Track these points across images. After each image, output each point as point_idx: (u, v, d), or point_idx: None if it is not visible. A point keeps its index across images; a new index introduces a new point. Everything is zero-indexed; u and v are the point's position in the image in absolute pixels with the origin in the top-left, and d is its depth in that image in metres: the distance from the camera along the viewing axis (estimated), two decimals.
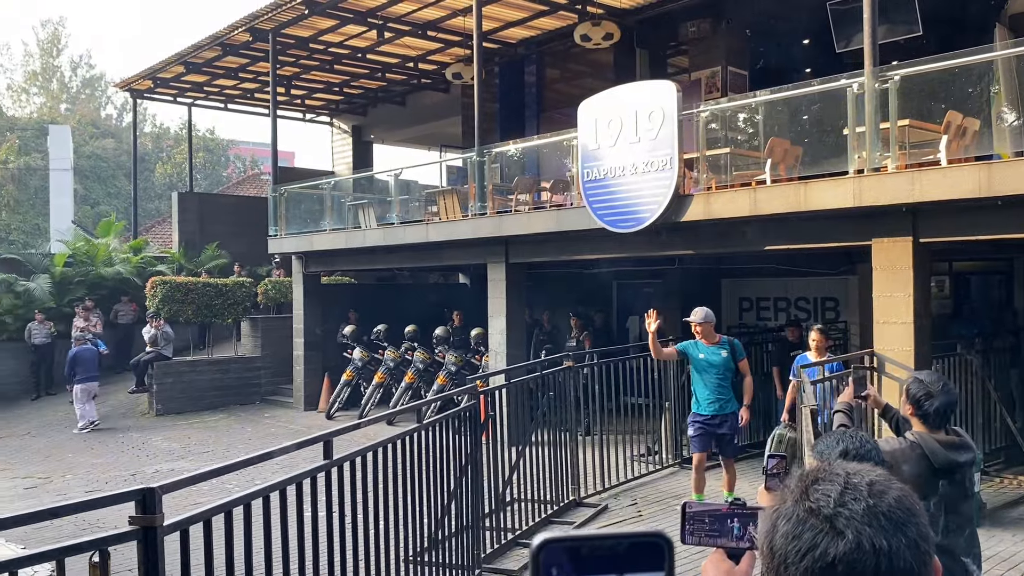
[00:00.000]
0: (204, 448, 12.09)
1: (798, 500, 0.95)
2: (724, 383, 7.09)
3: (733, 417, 7.15)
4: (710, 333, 7.11)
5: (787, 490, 0.99)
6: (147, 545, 3.01)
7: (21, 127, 40.57)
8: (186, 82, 18.30)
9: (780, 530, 0.95)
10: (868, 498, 0.92)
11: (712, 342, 7.10)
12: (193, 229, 20.02)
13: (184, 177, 34.48)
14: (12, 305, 17.57)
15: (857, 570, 0.89)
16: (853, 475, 0.96)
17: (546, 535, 0.70)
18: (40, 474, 11.22)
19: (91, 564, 3.09)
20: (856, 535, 0.90)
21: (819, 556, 0.90)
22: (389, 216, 14.05)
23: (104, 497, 3.10)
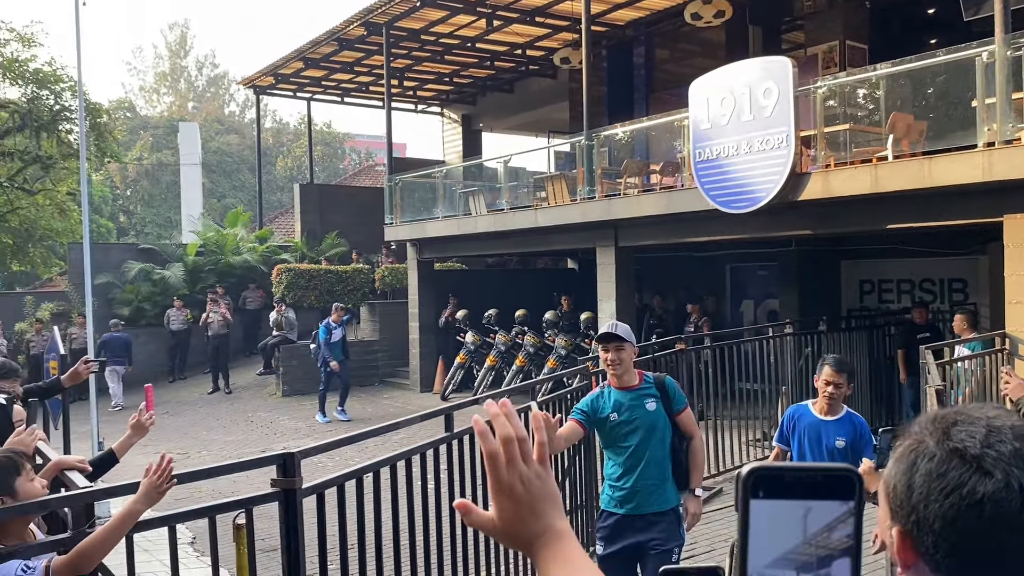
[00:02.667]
0: (329, 427, 12.66)
1: (939, 441, 0.96)
2: (655, 456, 4.09)
3: (670, 518, 4.13)
4: (628, 368, 4.13)
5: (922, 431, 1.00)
6: (287, 506, 3.26)
7: (153, 125, 43.13)
8: (305, 77, 19.04)
9: (921, 469, 0.96)
10: (1013, 441, 0.94)
11: (630, 385, 4.14)
12: (314, 219, 20.84)
13: (304, 170, 35.88)
14: (150, 292, 18.79)
15: (1004, 509, 0.91)
16: (994, 419, 0.97)
17: (753, 465, 0.82)
18: (178, 450, 12.01)
19: (235, 526, 3.37)
20: (1005, 475, 0.91)
21: (966, 495, 0.92)
22: (499, 203, 14.27)
23: (250, 460, 3.38)
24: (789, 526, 0.81)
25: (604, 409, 4.12)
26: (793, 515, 0.81)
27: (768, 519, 0.81)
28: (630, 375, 4.13)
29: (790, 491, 0.81)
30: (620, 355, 4.07)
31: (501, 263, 19.00)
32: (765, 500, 0.81)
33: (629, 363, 4.12)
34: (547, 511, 1.03)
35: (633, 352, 4.18)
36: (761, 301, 14.22)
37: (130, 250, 21.03)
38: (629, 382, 4.12)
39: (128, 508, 2.75)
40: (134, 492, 2.86)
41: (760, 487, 0.81)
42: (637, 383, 4.14)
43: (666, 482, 4.11)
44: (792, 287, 12.54)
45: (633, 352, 4.18)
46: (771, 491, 0.81)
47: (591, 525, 6.34)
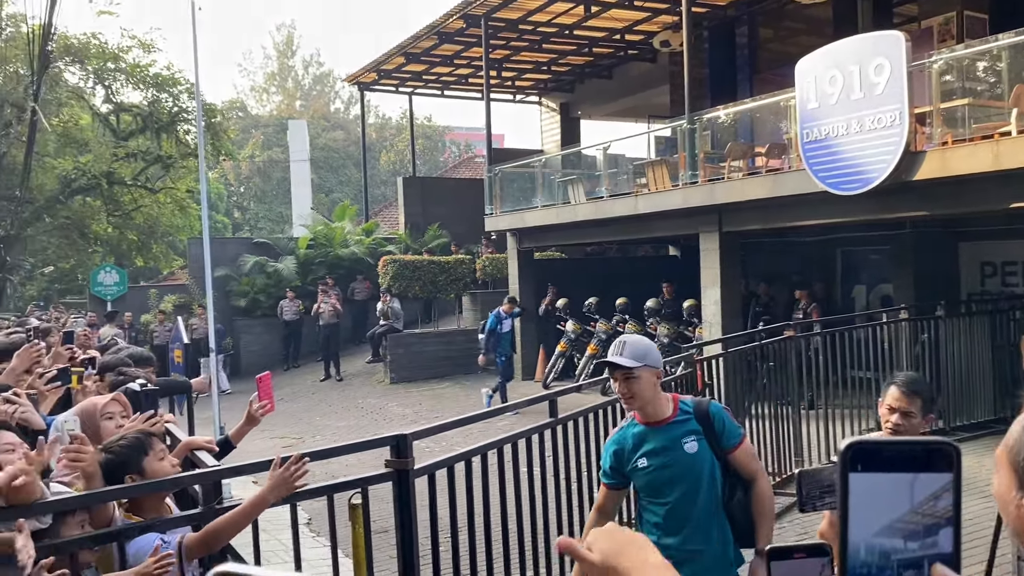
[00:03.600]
0: (434, 413, 12.94)
1: None
2: (704, 512, 3.11)
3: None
4: (648, 399, 3.11)
5: None
6: (400, 485, 3.38)
7: (264, 124, 44.87)
8: (406, 72, 19.42)
9: None
10: None
11: (660, 418, 3.14)
12: (416, 211, 21.28)
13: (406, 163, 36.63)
14: (265, 284, 19.62)
15: None
16: None
17: (853, 438, 0.85)
18: (293, 435, 12.54)
19: (351, 505, 3.52)
20: None
21: None
22: (598, 190, 14.21)
23: (365, 441, 3.52)
24: (893, 497, 0.83)
25: (631, 454, 3.14)
26: (897, 486, 0.83)
27: (868, 491, 0.84)
28: (656, 406, 3.10)
29: (889, 464, 0.84)
30: (631, 386, 3.03)
31: (600, 251, 18.94)
32: (863, 473, 0.84)
33: (650, 392, 3.07)
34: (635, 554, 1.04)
35: (654, 377, 3.08)
36: (874, 286, 13.69)
37: (245, 244, 21.99)
38: (657, 414, 3.11)
39: (259, 496, 2.91)
40: (259, 471, 3.02)
41: (859, 460, 0.84)
42: (670, 415, 3.11)
43: (725, 545, 3.10)
44: (907, 271, 12.01)
45: (654, 377, 3.08)
46: (869, 464, 0.84)
47: None
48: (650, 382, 3.07)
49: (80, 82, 23.05)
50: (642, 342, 3.15)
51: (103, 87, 22.80)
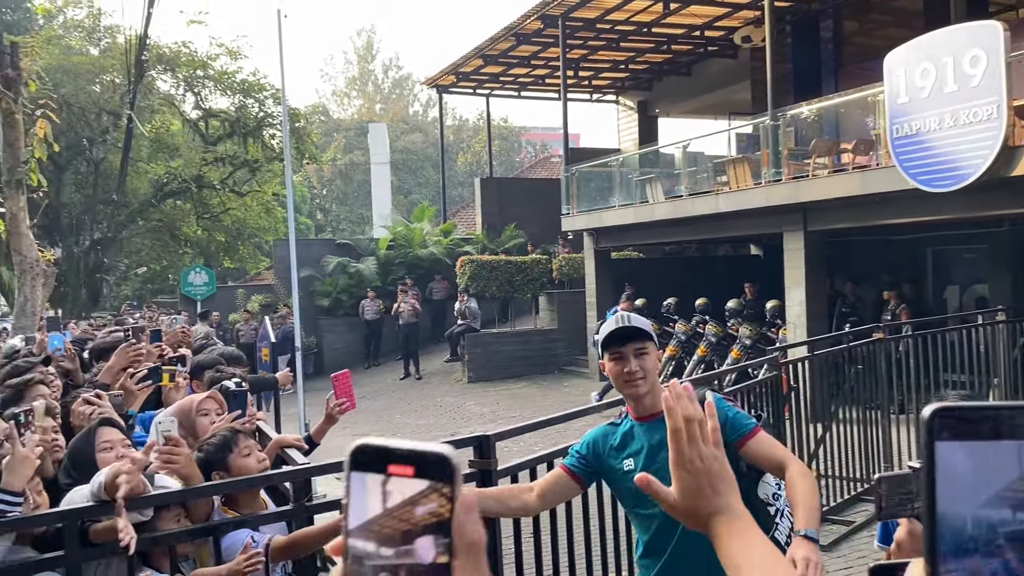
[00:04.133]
0: (512, 413, 13.00)
1: None
2: None
3: None
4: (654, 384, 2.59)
5: None
6: (483, 485, 3.41)
7: (345, 128, 45.83)
8: (484, 74, 19.56)
9: None
10: None
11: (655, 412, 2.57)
12: (493, 211, 21.40)
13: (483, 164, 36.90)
14: (347, 284, 20.05)
15: None
16: None
17: (938, 404, 0.77)
18: (375, 432, 12.76)
19: None
20: None
21: None
22: (677, 189, 14.03)
23: (449, 441, 3.55)
24: (995, 466, 0.75)
25: (614, 452, 2.63)
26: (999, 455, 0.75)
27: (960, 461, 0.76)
28: (656, 394, 2.52)
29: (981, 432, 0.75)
30: (644, 363, 2.53)
31: (679, 250, 18.70)
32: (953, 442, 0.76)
33: (655, 375, 2.59)
34: (724, 490, 1.10)
35: (658, 357, 2.66)
36: (967, 287, 13.14)
37: (328, 245, 22.50)
38: (655, 405, 2.51)
39: None
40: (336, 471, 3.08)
41: (945, 428, 0.76)
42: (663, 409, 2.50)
43: None
44: (1004, 271, 11.49)
45: (658, 357, 2.66)
46: (959, 433, 0.76)
47: None
48: (655, 362, 2.62)
49: (171, 89, 24.00)
50: (644, 320, 2.69)
51: (193, 94, 23.69)
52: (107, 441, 2.99)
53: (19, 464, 2.66)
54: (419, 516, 0.68)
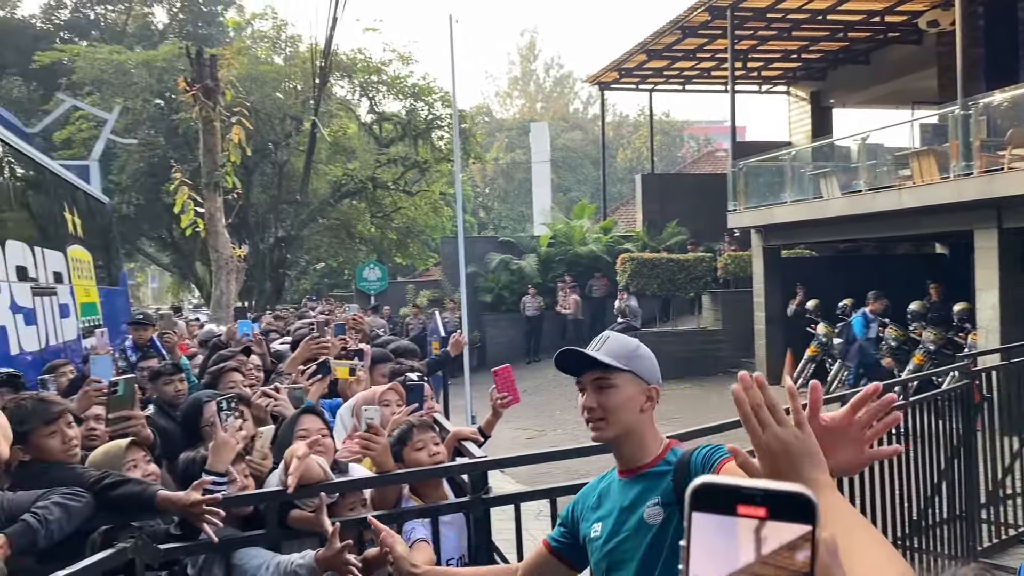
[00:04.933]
0: (675, 414, 12.80)
1: None
2: None
3: None
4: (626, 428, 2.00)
5: None
6: None
7: (507, 127, 46.65)
8: (647, 69, 19.36)
9: None
10: None
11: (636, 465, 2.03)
12: (655, 208, 21.14)
13: (643, 160, 36.51)
14: (508, 281, 20.43)
15: None
16: None
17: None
18: (535, 427, 12.95)
19: None
20: None
21: None
22: (854, 183, 13.31)
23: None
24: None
25: (589, 512, 2.12)
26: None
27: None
28: (637, 442, 2.02)
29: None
30: (604, 399, 2.00)
31: (855, 248, 17.74)
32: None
33: (630, 416, 2.00)
34: (807, 466, 1.17)
35: (641, 394, 2.02)
36: None
37: (491, 242, 23.00)
38: (634, 457, 2.03)
39: None
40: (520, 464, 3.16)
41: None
42: (649, 462, 2.02)
43: None
44: None
45: (641, 394, 2.02)
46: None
47: (971, 539, 5.73)
48: (632, 399, 2.00)
49: (347, 95, 25.32)
50: (632, 342, 2.10)
51: (367, 98, 24.91)
52: (305, 429, 3.22)
53: (221, 448, 2.93)
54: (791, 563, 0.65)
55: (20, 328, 6.42)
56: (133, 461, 3.05)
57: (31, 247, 7.10)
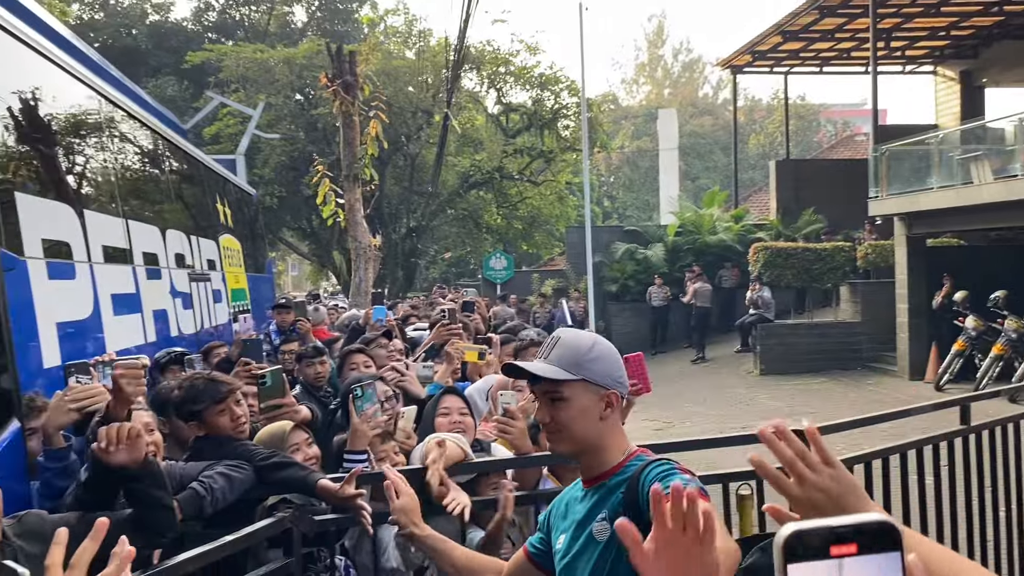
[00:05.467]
0: (809, 409, 12.41)
1: None
2: None
3: None
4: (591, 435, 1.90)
5: None
6: None
7: (633, 115, 46.16)
8: (782, 51, 18.71)
9: None
10: None
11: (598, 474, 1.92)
12: (789, 196, 20.43)
13: (776, 146, 35.34)
14: (634, 271, 20.26)
15: None
16: None
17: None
18: (664, 419, 12.83)
19: (738, 496, 3.53)
20: None
21: None
22: (1009, 168, 12.44)
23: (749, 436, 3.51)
24: None
25: (557, 523, 2.03)
26: None
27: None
28: (597, 451, 1.91)
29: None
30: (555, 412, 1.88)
31: (1010, 237, 16.56)
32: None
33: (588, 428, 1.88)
34: (852, 504, 1.12)
35: (598, 402, 1.88)
36: None
37: (616, 232, 22.86)
38: (592, 466, 1.93)
39: None
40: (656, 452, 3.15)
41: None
42: (607, 472, 1.90)
43: None
44: None
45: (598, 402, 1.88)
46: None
47: None
48: (587, 410, 1.86)
49: (476, 87, 25.70)
50: (584, 342, 1.91)
51: (495, 89, 25.19)
52: (446, 407, 3.35)
53: (355, 434, 3.11)
54: None
55: (179, 311, 6.90)
56: (296, 445, 3.24)
57: (188, 236, 7.60)
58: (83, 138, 5.59)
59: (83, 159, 5.58)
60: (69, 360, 3.62)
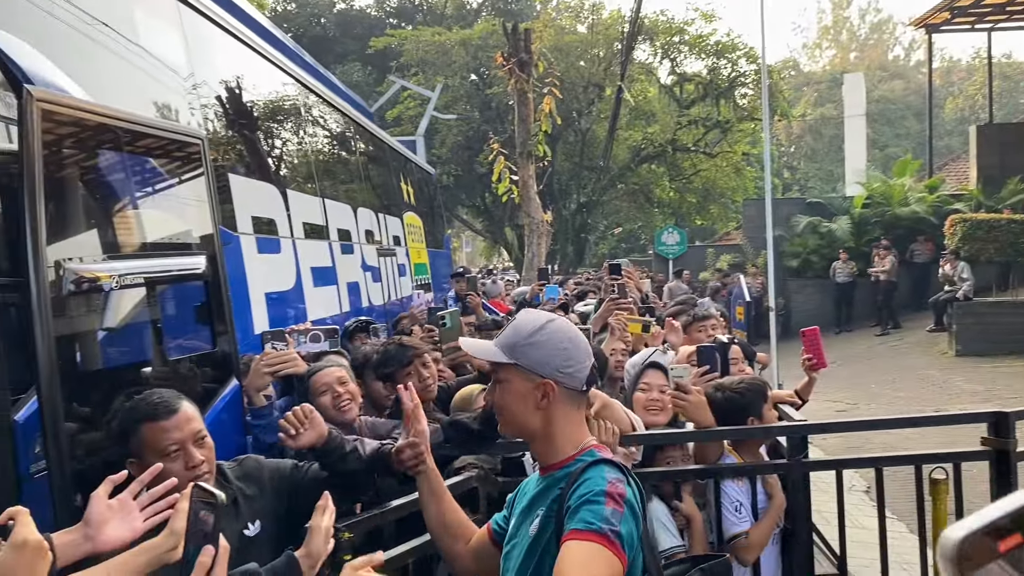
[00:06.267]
0: (1010, 393, 11.45)
1: None
2: None
3: None
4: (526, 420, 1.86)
5: None
6: (999, 467, 3.12)
7: (815, 81, 43.79)
8: (986, 6, 17.13)
9: None
10: None
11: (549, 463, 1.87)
12: (992, 163, 18.74)
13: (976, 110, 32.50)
14: (817, 245, 19.33)
15: None
16: None
17: None
18: (847, 400, 12.24)
19: (931, 480, 3.35)
20: None
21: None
22: None
23: (957, 415, 3.32)
24: None
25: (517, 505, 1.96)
26: None
27: None
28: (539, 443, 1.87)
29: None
30: (494, 393, 1.90)
31: None
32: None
33: (522, 411, 1.84)
34: None
35: (534, 389, 1.81)
36: None
37: (798, 204, 21.89)
38: (542, 457, 1.89)
39: None
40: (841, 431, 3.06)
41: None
42: (557, 463, 1.84)
43: None
44: None
45: (534, 389, 1.81)
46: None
47: None
48: (521, 396, 1.82)
49: (648, 58, 25.28)
50: (528, 326, 1.83)
51: (669, 60, 24.67)
52: (646, 383, 3.39)
53: None
54: None
55: (369, 284, 7.34)
56: None
57: (376, 213, 8.05)
58: (284, 123, 6.05)
59: (285, 142, 6.04)
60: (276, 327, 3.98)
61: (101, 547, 1.69)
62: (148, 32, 3.62)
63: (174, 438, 2.12)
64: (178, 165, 3.00)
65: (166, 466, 2.03)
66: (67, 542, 1.64)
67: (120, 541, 1.71)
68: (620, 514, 1.62)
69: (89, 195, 2.59)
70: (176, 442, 2.13)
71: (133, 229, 2.80)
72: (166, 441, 2.12)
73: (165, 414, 2.14)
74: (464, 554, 2.06)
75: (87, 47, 3.03)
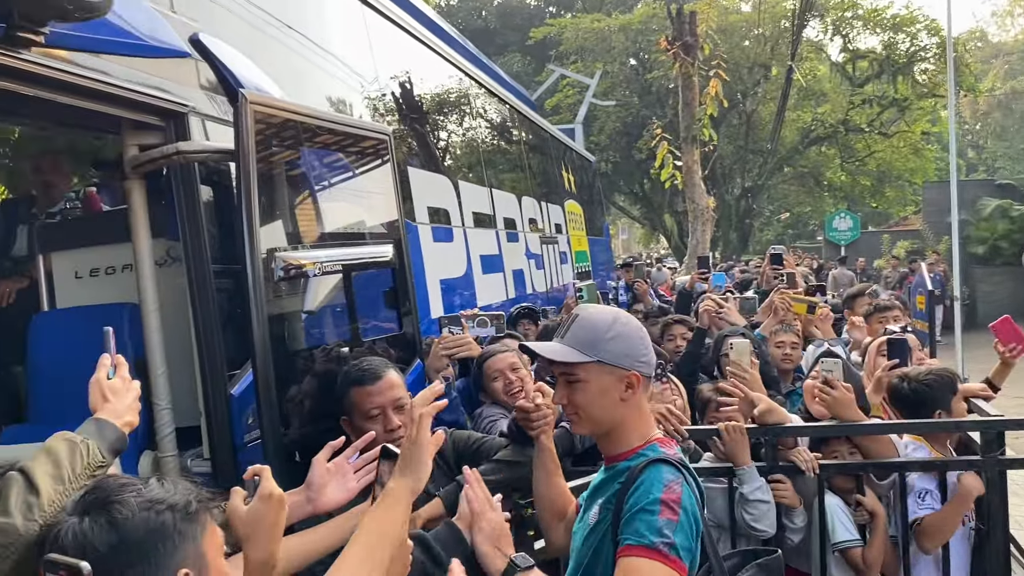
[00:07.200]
0: None
1: None
2: None
3: None
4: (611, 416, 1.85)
5: None
6: None
7: (1006, 52, 40.20)
8: None
9: None
10: None
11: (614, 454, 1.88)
12: None
13: None
14: (1007, 230, 17.89)
15: None
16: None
17: None
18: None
19: None
20: None
21: None
22: None
23: None
24: None
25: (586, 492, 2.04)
26: None
27: None
28: (613, 437, 1.88)
29: None
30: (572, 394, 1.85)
31: None
32: None
33: (607, 409, 1.84)
34: None
35: (617, 382, 1.82)
36: None
37: (986, 186, 20.30)
38: (609, 449, 1.90)
39: None
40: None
41: None
42: (622, 454, 1.87)
43: None
44: None
45: (617, 382, 1.82)
46: None
47: None
48: (606, 392, 1.82)
49: (819, 35, 24.12)
50: (603, 321, 1.84)
51: (840, 36, 23.44)
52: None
53: None
54: None
55: (532, 271, 7.50)
56: None
57: (539, 202, 8.20)
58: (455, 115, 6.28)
59: (455, 134, 6.28)
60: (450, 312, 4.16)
61: (321, 508, 1.87)
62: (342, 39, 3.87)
63: (376, 402, 2.32)
64: (368, 159, 3.21)
65: (368, 427, 2.20)
66: (294, 503, 1.82)
67: (336, 503, 1.88)
68: (675, 523, 1.65)
69: (293, 189, 2.82)
70: (378, 406, 2.32)
71: (331, 220, 3.02)
72: (369, 404, 2.32)
73: (371, 379, 2.34)
74: (557, 528, 2.15)
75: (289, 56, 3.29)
